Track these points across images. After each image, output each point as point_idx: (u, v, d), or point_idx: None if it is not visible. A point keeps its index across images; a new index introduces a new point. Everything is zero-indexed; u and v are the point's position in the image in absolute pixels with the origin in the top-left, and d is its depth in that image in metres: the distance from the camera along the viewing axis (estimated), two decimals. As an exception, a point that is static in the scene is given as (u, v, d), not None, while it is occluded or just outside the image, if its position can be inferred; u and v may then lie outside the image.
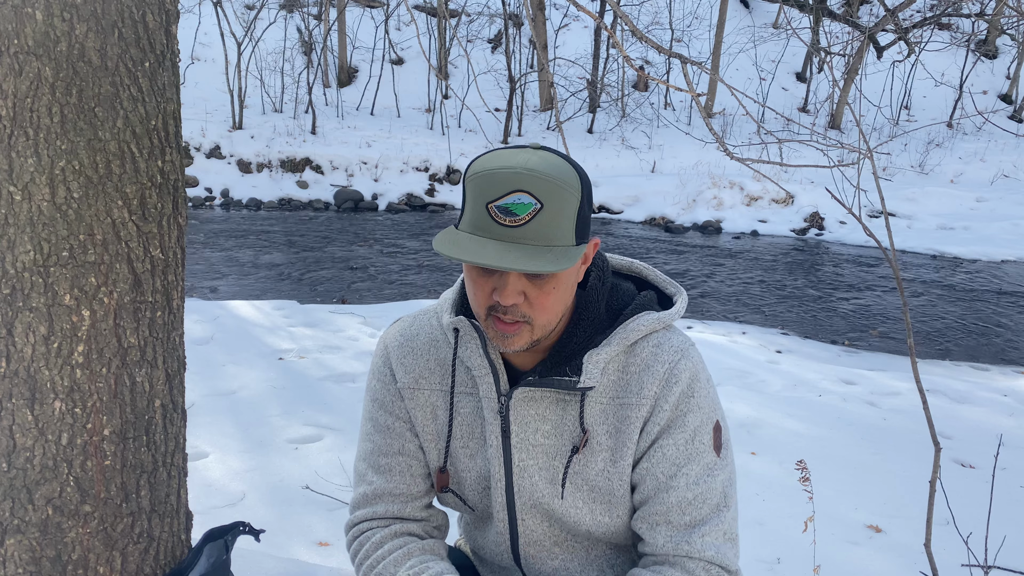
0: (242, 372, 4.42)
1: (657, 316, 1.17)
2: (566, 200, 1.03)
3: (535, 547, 1.26)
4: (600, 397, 1.16)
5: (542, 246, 1.02)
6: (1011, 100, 18.67)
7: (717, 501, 1.15)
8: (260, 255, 9.38)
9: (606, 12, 16.41)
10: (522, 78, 15.55)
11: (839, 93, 16.46)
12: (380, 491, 1.27)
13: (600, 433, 1.16)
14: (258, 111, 15.57)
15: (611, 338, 1.14)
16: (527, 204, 1.01)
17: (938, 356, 6.54)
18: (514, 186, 1.01)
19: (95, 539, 1.35)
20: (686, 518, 1.14)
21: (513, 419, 1.18)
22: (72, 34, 1.20)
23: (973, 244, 10.74)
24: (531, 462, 1.19)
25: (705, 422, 1.15)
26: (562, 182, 1.02)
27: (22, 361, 1.25)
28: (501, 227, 1.01)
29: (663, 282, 1.26)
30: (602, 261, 1.21)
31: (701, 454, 1.15)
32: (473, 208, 1.04)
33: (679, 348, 1.16)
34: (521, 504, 1.22)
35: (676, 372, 1.14)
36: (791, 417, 4.22)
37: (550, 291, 1.07)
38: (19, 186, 1.20)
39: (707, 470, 1.15)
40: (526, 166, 1.02)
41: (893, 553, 2.95)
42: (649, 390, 1.14)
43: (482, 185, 1.03)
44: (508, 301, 1.05)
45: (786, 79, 19.42)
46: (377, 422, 1.28)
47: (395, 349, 1.28)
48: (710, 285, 8.74)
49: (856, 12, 18.25)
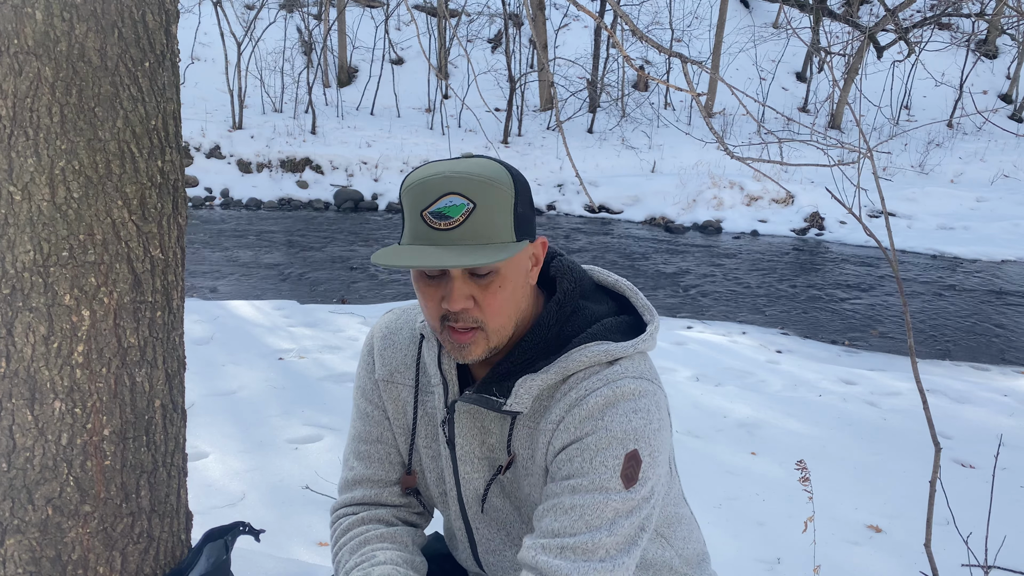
0: (242, 372, 4.42)
1: (605, 348, 1.10)
2: (499, 197, 1.03)
3: (494, 555, 1.26)
4: (528, 422, 1.14)
5: (479, 244, 1.02)
6: (1011, 100, 18.67)
7: (598, 524, 1.04)
8: (260, 255, 9.38)
9: (606, 12, 16.41)
10: (522, 78, 15.55)
11: (839, 93, 16.46)
12: (359, 477, 1.30)
13: (525, 457, 1.15)
14: (258, 111, 15.57)
15: (551, 366, 1.10)
16: (459, 205, 1.01)
17: (938, 356, 6.54)
18: (445, 189, 1.02)
19: (95, 539, 1.35)
20: (555, 525, 1.06)
21: (457, 431, 1.19)
22: (72, 34, 1.20)
23: (973, 244, 10.74)
24: (475, 474, 1.20)
25: (613, 445, 1.05)
26: (492, 180, 1.03)
27: (22, 361, 1.25)
28: (437, 231, 1.02)
29: (641, 308, 1.20)
30: (571, 283, 1.16)
31: (598, 472, 1.05)
32: (410, 219, 1.05)
33: (606, 378, 1.08)
34: (472, 514, 1.24)
35: (588, 398, 1.07)
36: (791, 417, 4.22)
37: (496, 291, 1.06)
38: (19, 186, 1.20)
39: (600, 489, 1.04)
40: (454, 170, 1.03)
41: (893, 553, 2.95)
42: (556, 415, 1.10)
43: (415, 194, 1.04)
44: (456, 306, 1.04)
45: (786, 79, 19.42)
46: (359, 409, 1.31)
47: (378, 340, 1.30)
48: (710, 285, 8.74)
49: (856, 12, 18.26)
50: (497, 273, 1.05)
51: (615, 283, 1.24)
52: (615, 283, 1.24)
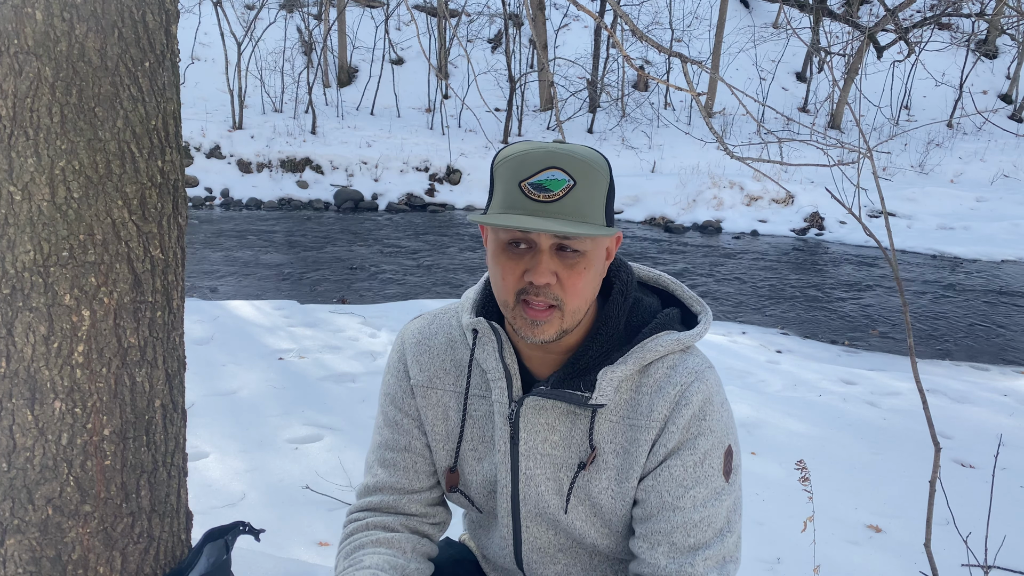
0: (242, 372, 4.42)
1: (676, 337, 1.15)
2: (597, 180, 1.05)
3: (538, 553, 1.26)
4: (610, 415, 1.15)
5: (576, 221, 1.03)
6: (1011, 100, 18.67)
7: (721, 526, 1.13)
8: (260, 255, 9.38)
9: (606, 12, 16.41)
10: (522, 78, 15.56)
11: (839, 93, 16.46)
12: (381, 484, 1.29)
13: (608, 452, 1.15)
14: (258, 111, 15.58)
15: (627, 356, 1.13)
16: (561, 180, 1.02)
17: (938, 356, 6.54)
18: (548, 163, 1.03)
19: (95, 539, 1.35)
20: (690, 540, 1.12)
21: (522, 426, 1.17)
22: (72, 34, 1.20)
23: (973, 244, 10.74)
24: (538, 471, 1.19)
25: (716, 446, 1.13)
26: (593, 163, 1.05)
27: (22, 361, 1.25)
28: (535, 203, 1.02)
29: (689, 299, 1.25)
30: (627, 274, 1.19)
31: (710, 477, 1.13)
32: (505, 189, 1.05)
33: (693, 370, 1.14)
34: (526, 511, 1.23)
35: (688, 395, 1.12)
36: (791, 417, 4.22)
37: (581, 271, 1.06)
38: (19, 186, 1.20)
39: (714, 494, 1.13)
40: (557, 147, 1.05)
41: (893, 553, 2.95)
42: (659, 412, 1.12)
43: (514, 166, 1.04)
44: (541, 280, 1.04)
45: (786, 79, 19.42)
46: (388, 416, 1.29)
47: (412, 347, 1.28)
48: (710, 285, 8.74)
49: (856, 12, 18.26)
50: (583, 255, 1.06)
51: (657, 278, 1.28)
52: (657, 278, 1.28)
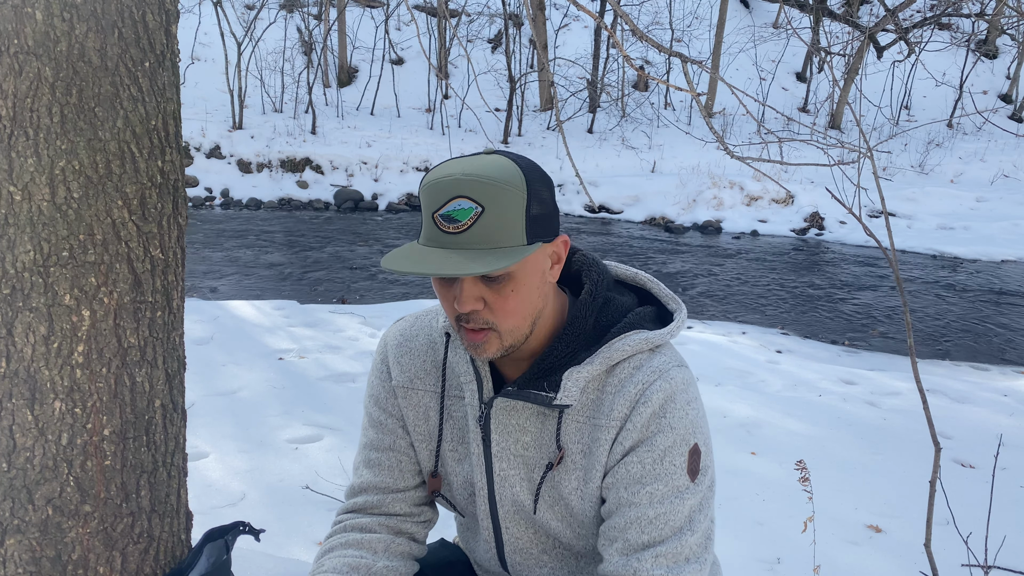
0: (242, 372, 4.42)
1: (645, 336, 1.13)
2: (509, 201, 1.02)
3: (521, 554, 1.26)
4: (577, 416, 1.14)
5: (486, 249, 1.01)
6: (1011, 100, 18.67)
7: (680, 524, 1.09)
8: (260, 255, 9.38)
9: (606, 12, 16.41)
10: (522, 78, 15.55)
11: (839, 93, 16.46)
12: (366, 484, 1.29)
13: (575, 452, 1.15)
14: (258, 111, 15.57)
15: (594, 357, 1.12)
16: (467, 209, 1.01)
17: (938, 356, 6.54)
18: (453, 193, 1.01)
19: (95, 539, 1.35)
20: (644, 537, 1.09)
21: (494, 428, 1.18)
22: (72, 34, 1.20)
23: (973, 244, 10.74)
24: (512, 472, 1.19)
25: (678, 443, 1.10)
26: (503, 183, 1.02)
27: (22, 361, 1.25)
28: (446, 235, 1.02)
29: (665, 297, 1.23)
30: (598, 274, 1.18)
31: (670, 475, 1.10)
32: (424, 221, 1.06)
33: (658, 369, 1.12)
34: (503, 512, 1.23)
35: (648, 393, 1.10)
36: (791, 417, 4.22)
37: (508, 294, 1.05)
38: (19, 186, 1.20)
39: (675, 492, 1.09)
40: (465, 172, 1.02)
41: (893, 553, 2.95)
42: (619, 411, 1.11)
43: (428, 195, 1.04)
44: (465, 308, 1.04)
45: (786, 79, 19.42)
46: (372, 417, 1.31)
47: (393, 348, 1.29)
48: (710, 285, 8.74)
49: (856, 12, 18.26)
50: (510, 276, 1.05)
51: (634, 276, 1.26)
52: (634, 276, 1.26)
